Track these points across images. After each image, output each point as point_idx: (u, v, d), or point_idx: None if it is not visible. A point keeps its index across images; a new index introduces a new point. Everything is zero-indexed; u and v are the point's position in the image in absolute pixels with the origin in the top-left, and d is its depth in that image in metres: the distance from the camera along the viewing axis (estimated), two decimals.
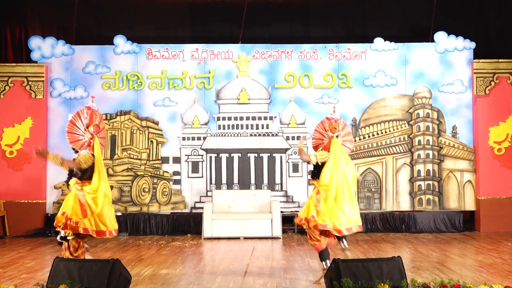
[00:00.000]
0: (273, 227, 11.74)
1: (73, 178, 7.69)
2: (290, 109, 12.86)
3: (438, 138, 12.80)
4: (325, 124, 8.31)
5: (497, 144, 12.65)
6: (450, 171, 12.78)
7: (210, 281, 7.70)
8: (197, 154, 12.83)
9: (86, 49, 12.90)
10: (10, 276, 8.05)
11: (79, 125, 7.75)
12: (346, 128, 8.42)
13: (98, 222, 7.52)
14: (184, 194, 12.77)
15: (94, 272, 6.31)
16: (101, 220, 7.53)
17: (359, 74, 12.92)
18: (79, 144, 7.74)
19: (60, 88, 12.77)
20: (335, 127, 8.18)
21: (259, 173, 12.84)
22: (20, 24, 13.30)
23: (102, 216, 7.53)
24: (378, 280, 6.26)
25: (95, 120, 7.85)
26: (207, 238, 11.76)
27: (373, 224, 12.73)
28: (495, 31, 13.55)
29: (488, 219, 12.49)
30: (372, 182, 12.79)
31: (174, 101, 12.85)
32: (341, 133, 8.27)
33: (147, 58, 12.89)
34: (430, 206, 12.73)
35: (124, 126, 12.75)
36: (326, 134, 8.22)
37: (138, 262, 9.13)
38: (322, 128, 8.32)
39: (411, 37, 13.16)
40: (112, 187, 12.63)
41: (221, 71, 12.94)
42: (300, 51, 12.94)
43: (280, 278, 7.92)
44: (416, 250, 10.30)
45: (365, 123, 12.86)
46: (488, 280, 7.40)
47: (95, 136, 7.79)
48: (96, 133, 7.82)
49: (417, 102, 12.82)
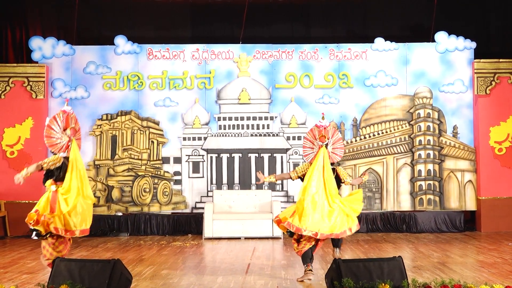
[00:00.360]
0: (274, 227, 11.72)
1: (49, 180, 7.80)
2: (290, 109, 12.86)
3: (438, 138, 12.80)
4: (314, 132, 8.19)
5: (498, 144, 12.65)
6: (451, 171, 12.77)
7: (211, 281, 7.70)
8: (198, 154, 12.83)
9: (86, 49, 12.90)
10: (11, 276, 8.06)
11: (56, 129, 7.84)
12: (336, 135, 8.30)
13: (69, 220, 7.61)
14: (185, 194, 12.78)
15: (95, 272, 6.32)
16: (69, 219, 7.66)
17: (359, 74, 12.92)
18: (57, 147, 7.83)
19: (61, 88, 12.77)
20: (324, 135, 8.11)
21: None
22: (20, 24, 13.31)
23: (71, 215, 7.65)
24: (379, 280, 6.26)
25: (71, 123, 7.96)
26: (208, 238, 11.76)
27: (374, 224, 12.73)
28: (496, 31, 13.55)
29: (489, 219, 12.49)
30: (373, 182, 12.79)
31: (175, 101, 12.86)
32: (331, 140, 8.18)
33: (148, 58, 12.90)
34: (431, 206, 12.73)
35: (124, 126, 12.76)
36: (316, 142, 8.11)
37: (139, 262, 9.14)
38: (312, 136, 8.19)
39: (411, 37, 13.16)
40: (113, 187, 12.66)
41: (221, 71, 12.94)
42: (300, 51, 12.94)
43: (281, 278, 7.92)
44: (417, 250, 10.29)
45: (366, 123, 12.86)
46: (489, 280, 7.39)
47: (73, 138, 7.91)
48: (73, 136, 7.94)
49: (417, 102, 12.81)
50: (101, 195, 12.64)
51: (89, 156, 12.69)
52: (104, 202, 12.65)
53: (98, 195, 12.61)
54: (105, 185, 12.67)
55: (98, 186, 12.64)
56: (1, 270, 8.51)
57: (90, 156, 12.71)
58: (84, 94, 12.78)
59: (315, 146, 8.13)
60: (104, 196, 12.65)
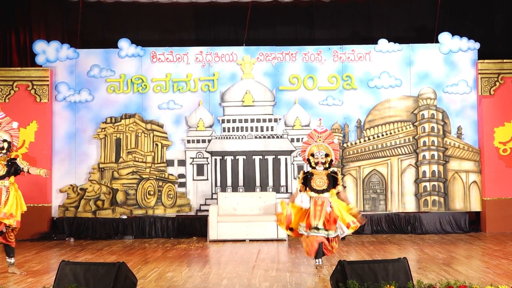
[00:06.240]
0: (279, 229, 11.71)
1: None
2: (294, 111, 12.86)
3: (443, 139, 12.78)
4: (313, 136, 8.71)
5: (502, 144, 12.62)
6: (456, 172, 12.75)
7: (216, 284, 7.70)
8: (202, 157, 12.84)
9: (90, 52, 12.93)
10: (16, 280, 8.07)
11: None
12: (331, 138, 8.74)
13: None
14: (189, 197, 12.78)
15: (100, 275, 6.32)
16: None
17: (363, 75, 12.91)
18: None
19: (65, 91, 12.80)
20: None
21: (264, 175, 12.84)
22: (24, 28, 13.32)
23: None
24: (384, 282, 6.25)
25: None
26: (212, 241, 11.77)
27: (378, 226, 12.72)
28: (500, 31, 13.53)
29: (494, 220, 12.46)
30: (377, 183, 12.78)
31: (179, 104, 12.87)
32: (326, 141, 8.70)
33: (152, 61, 12.91)
34: (435, 207, 12.71)
35: (129, 129, 12.77)
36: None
37: (144, 265, 9.14)
38: (310, 140, 8.73)
39: (415, 38, 13.14)
40: (118, 190, 12.67)
41: (225, 73, 12.95)
42: (304, 53, 12.94)
43: (286, 280, 7.92)
44: (422, 251, 10.28)
45: (370, 125, 12.85)
46: (494, 281, 7.38)
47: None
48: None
49: (421, 103, 12.80)
50: (106, 198, 12.66)
51: (93, 159, 12.72)
52: (108, 205, 12.66)
53: (103, 198, 12.64)
54: (110, 188, 12.68)
55: (102, 189, 12.65)
56: (6, 273, 8.51)
57: (95, 159, 12.73)
58: (88, 97, 12.81)
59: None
60: (109, 199, 12.66)
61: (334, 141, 8.74)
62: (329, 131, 8.89)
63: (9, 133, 8.79)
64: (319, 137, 8.65)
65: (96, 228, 12.54)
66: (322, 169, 8.54)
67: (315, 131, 8.76)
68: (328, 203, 8.39)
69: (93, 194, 12.63)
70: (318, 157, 8.54)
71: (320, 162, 8.53)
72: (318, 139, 8.64)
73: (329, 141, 8.66)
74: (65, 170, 12.68)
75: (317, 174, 8.52)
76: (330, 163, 8.62)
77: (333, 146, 8.70)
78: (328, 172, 8.54)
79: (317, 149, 8.59)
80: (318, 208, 8.33)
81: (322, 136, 8.67)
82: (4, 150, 8.62)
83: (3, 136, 8.68)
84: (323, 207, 8.33)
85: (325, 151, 8.57)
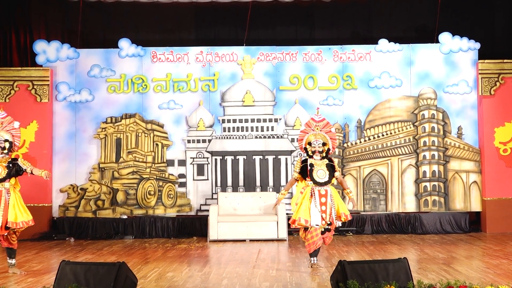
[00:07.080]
0: (279, 229, 11.74)
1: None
2: (295, 111, 12.86)
3: (443, 139, 12.78)
4: (311, 125, 8.68)
5: (503, 144, 12.62)
6: (456, 172, 12.75)
7: (216, 284, 7.70)
8: (202, 157, 12.84)
9: (91, 52, 12.93)
10: (16, 280, 8.07)
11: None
12: (328, 127, 8.70)
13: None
14: (190, 197, 12.79)
15: (100, 275, 6.33)
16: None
17: (363, 75, 12.91)
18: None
19: (65, 91, 12.80)
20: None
21: (264, 175, 12.84)
22: (25, 28, 13.32)
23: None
24: (384, 282, 6.25)
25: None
26: (213, 241, 11.77)
27: (379, 226, 12.71)
28: (500, 31, 13.52)
29: (494, 220, 12.45)
30: (378, 183, 12.78)
31: (179, 104, 12.87)
32: (323, 130, 8.69)
33: (152, 61, 12.92)
34: (436, 207, 12.71)
35: (129, 129, 12.77)
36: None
37: (144, 265, 9.14)
38: (308, 128, 8.74)
39: (415, 38, 13.14)
40: (118, 190, 12.67)
41: (225, 73, 12.95)
42: (304, 53, 12.94)
43: (286, 280, 7.92)
44: (422, 251, 10.28)
45: (370, 125, 12.85)
46: (494, 281, 7.38)
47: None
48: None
49: (422, 103, 12.80)
50: (106, 198, 12.66)
51: (93, 159, 12.72)
52: (109, 205, 12.66)
53: (103, 198, 12.64)
54: (110, 188, 12.68)
55: (103, 189, 12.66)
56: (6, 273, 8.51)
57: (95, 159, 12.73)
58: (89, 97, 12.81)
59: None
60: (109, 199, 12.67)
61: (332, 130, 8.69)
62: (327, 120, 8.82)
63: (11, 133, 8.76)
64: (316, 126, 8.61)
65: (96, 228, 12.54)
66: (319, 158, 8.52)
67: (312, 119, 8.72)
68: (330, 196, 8.42)
69: (93, 194, 12.63)
70: (315, 146, 8.50)
71: (317, 151, 8.49)
72: (315, 127, 8.60)
73: (326, 130, 8.62)
74: (65, 170, 12.68)
75: (317, 165, 8.49)
76: (327, 152, 8.59)
77: (331, 135, 8.65)
78: (327, 162, 8.54)
79: (315, 138, 8.55)
80: (323, 200, 8.38)
81: (319, 125, 8.63)
82: (6, 150, 8.61)
83: (5, 136, 8.66)
84: (327, 204, 8.38)
85: (322, 140, 8.54)
